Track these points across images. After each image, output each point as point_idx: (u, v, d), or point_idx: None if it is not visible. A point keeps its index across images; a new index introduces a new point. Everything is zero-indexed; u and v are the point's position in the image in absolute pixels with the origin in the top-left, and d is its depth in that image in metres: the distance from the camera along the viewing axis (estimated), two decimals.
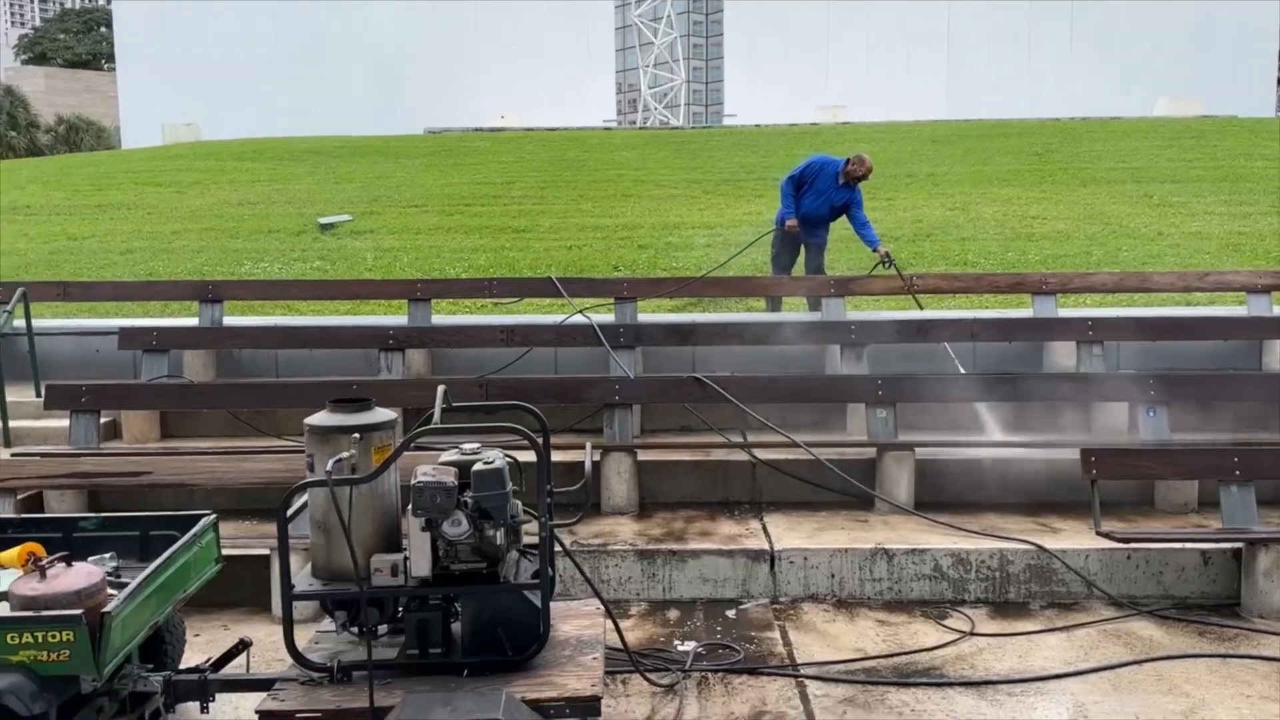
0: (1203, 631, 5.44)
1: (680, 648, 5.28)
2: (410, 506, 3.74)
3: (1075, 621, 5.55)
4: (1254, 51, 37.90)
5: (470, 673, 3.90)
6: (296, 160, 19.95)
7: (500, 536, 3.84)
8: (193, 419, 7.88)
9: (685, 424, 7.70)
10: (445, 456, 3.98)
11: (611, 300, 8.99)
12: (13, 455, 6.72)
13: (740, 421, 7.68)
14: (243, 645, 4.32)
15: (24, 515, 4.69)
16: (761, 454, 6.94)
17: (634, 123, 47.31)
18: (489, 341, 8.10)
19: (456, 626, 4.06)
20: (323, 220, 13.80)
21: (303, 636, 4.09)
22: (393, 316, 9.28)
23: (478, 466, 3.77)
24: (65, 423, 7.45)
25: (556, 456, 6.92)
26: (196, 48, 44.01)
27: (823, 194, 9.27)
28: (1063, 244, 12.00)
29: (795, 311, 9.46)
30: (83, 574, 3.76)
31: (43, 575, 3.68)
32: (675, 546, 6.01)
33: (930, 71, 37.70)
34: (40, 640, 3.50)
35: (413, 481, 3.69)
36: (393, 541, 4.08)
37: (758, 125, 28.33)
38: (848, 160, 9.34)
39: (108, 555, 4.56)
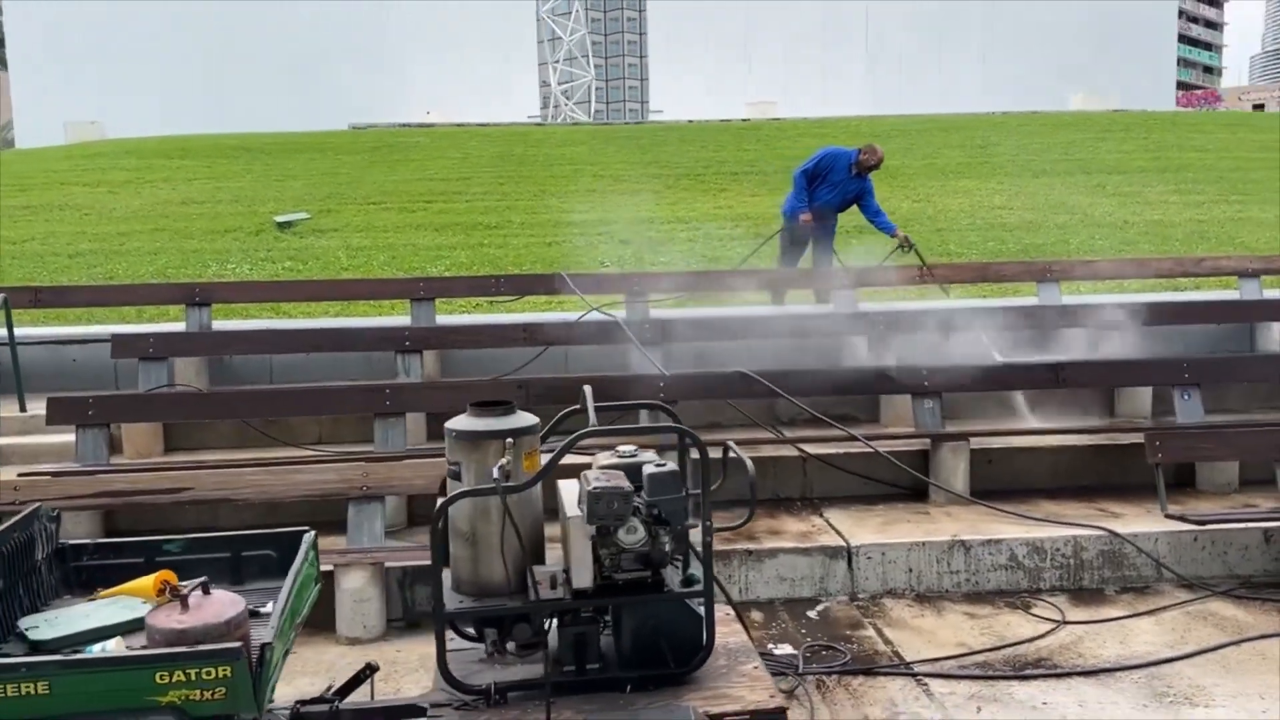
0: None
1: (777, 650, 5.14)
2: (583, 514, 3.51)
3: (1156, 605, 5.58)
4: (1155, 48, 39.52)
5: (633, 688, 3.69)
6: (228, 157, 19.15)
7: (669, 543, 3.63)
8: (198, 430, 7.42)
9: (716, 421, 7.55)
10: (601, 459, 3.76)
11: (621, 297, 8.78)
12: (20, 475, 6.19)
13: (771, 417, 7.59)
14: (370, 670, 4.01)
15: (99, 540, 4.28)
16: (810, 449, 6.85)
17: (560, 119, 47.01)
18: (510, 341, 7.82)
19: (604, 640, 3.85)
20: (280, 218, 13.24)
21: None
22: (392, 318, 8.92)
23: (652, 469, 3.55)
24: (54, 438, 6.97)
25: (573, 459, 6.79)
26: (94, 44, 42.04)
27: (836, 185, 9.27)
28: (1036, 233, 12.22)
29: (803, 305, 9.38)
30: (227, 602, 3.43)
31: (185, 605, 3.34)
32: (750, 546, 5.86)
33: (850, 68, 38.27)
34: (194, 678, 3.17)
35: (589, 488, 3.45)
36: (538, 552, 3.84)
37: (690, 121, 28.31)
38: (859, 150, 9.34)
39: (202, 580, 4.21)
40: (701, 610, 3.74)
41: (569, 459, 3.60)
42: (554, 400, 7.02)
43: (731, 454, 3.84)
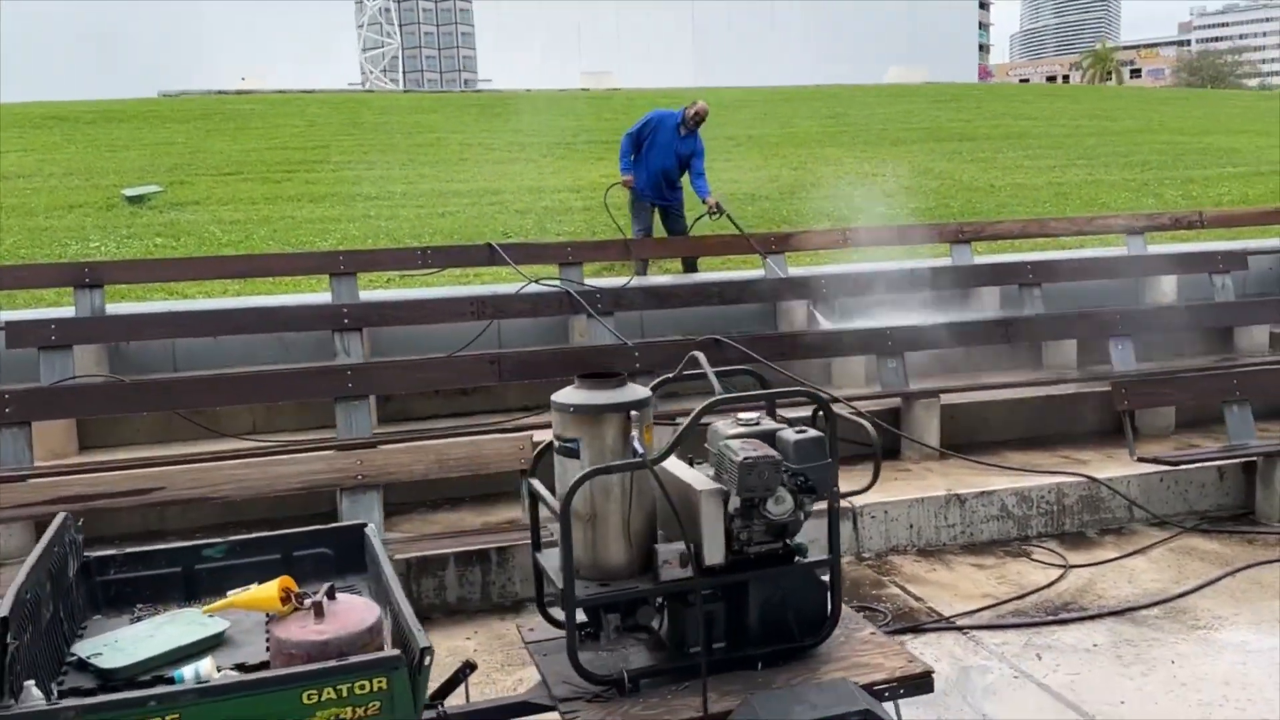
0: (1251, 540, 5.92)
1: None
2: (721, 487, 3.32)
3: (1140, 545, 5.86)
4: (959, 24, 41.81)
5: (764, 665, 3.55)
6: (41, 128, 17.35)
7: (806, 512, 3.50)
8: (114, 426, 6.69)
9: (674, 391, 7.42)
10: (724, 428, 3.56)
11: (556, 266, 8.49)
12: None
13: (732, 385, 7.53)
14: (469, 668, 3.69)
15: (128, 550, 3.73)
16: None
17: (366, 86, 45.14)
18: (457, 315, 7.42)
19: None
20: (129, 192, 12.10)
21: None
22: (305, 295, 8.31)
23: (796, 436, 3.40)
24: None
25: None
26: None
27: (666, 146, 9.09)
28: (916, 199, 12.63)
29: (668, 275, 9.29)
30: (360, 607, 3.07)
31: (320, 613, 2.96)
32: None
33: (677, 40, 38.56)
34: (345, 694, 2.80)
35: (741, 458, 3.26)
36: (654, 529, 3.62)
37: (528, 90, 27.78)
38: (684, 109, 9.22)
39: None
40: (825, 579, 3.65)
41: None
42: (526, 375, 6.77)
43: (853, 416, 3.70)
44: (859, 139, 16.89)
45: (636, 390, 3.54)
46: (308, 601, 3.00)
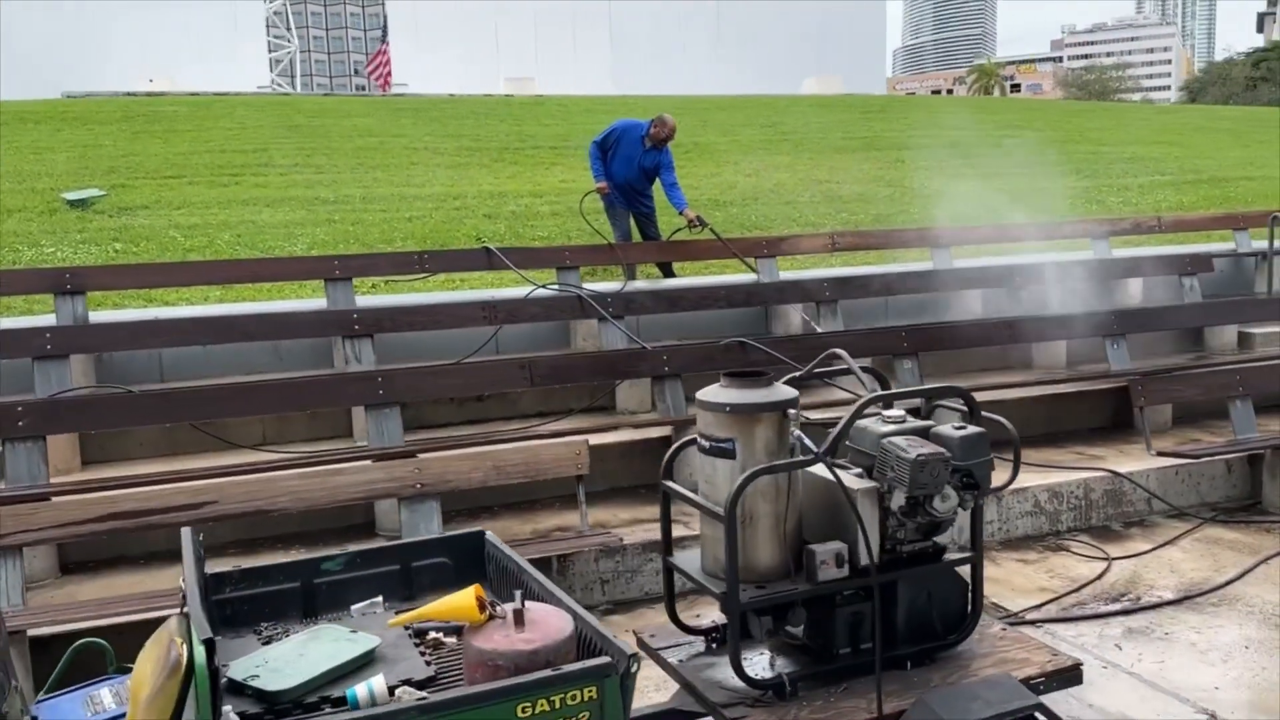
0: (1268, 529, 6.17)
1: None
2: (902, 484, 3.29)
3: (1168, 537, 6.06)
4: (868, 38, 42.89)
5: (912, 664, 3.54)
6: None
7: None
8: (118, 440, 6.33)
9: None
10: (875, 425, 3.53)
11: (554, 270, 8.37)
12: None
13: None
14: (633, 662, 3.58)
15: (245, 567, 3.51)
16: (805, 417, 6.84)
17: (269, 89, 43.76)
18: (469, 320, 7.24)
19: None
20: (70, 196, 11.49)
21: None
22: (293, 301, 8.02)
23: (960, 433, 3.40)
24: None
25: (614, 438, 6.47)
26: None
27: (630, 159, 8.98)
28: (874, 205, 12.88)
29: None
30: (553, 615, 2.94)
31: (521, 622, 2.83)
32: None
33: (595, 49, 38.52)
34: (558, 705, 2.69)
35: (914, 455, 3.25)
36: (802, 529, 3.57)
37: (451, 95, 27.40)
38: (651, 123, 9.13)
39: (379, 599, 3.61)
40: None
41: None
42: (558, 380, 6.65)
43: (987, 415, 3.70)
44: (802, 147, 17.13)
45: (786, 390, 3.50)
46: (505, 610, 2.87)
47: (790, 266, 9.53)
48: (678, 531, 5.72)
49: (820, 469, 3.57)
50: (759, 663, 3.59)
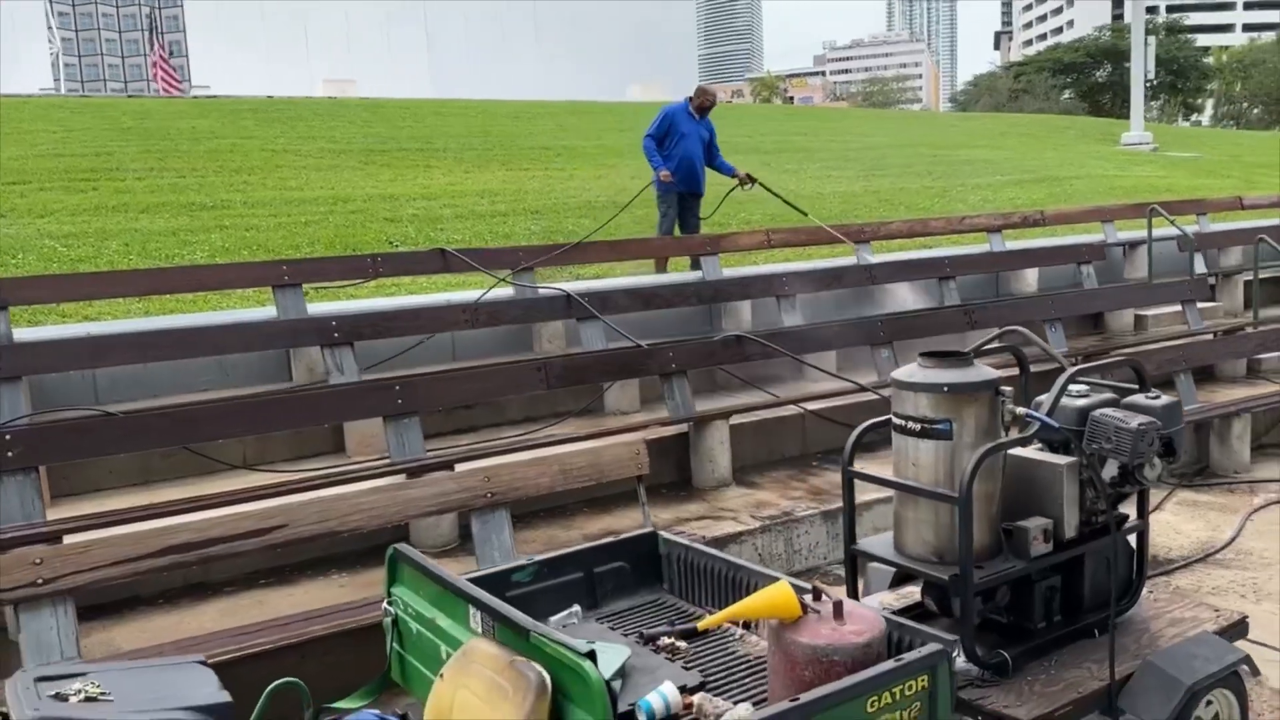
0: (1230, 489, 6.74)
1: None
2: (1118, 453, 3.37)
3: (1153, 504, 6.51)
4: (681, 46, 43.82)
5: (1099, 631, 3.64)
6: None
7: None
8: (86, 470, 5.64)
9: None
10: (1073, 398, 3.58)
11: (508, 272, 8.09)
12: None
13: (712, 384, 7.58)
14: None
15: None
16: (802, 407, 6.93)
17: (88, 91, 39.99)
18: (451, 324, 6.92)
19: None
20: None
21: None
22: (234, 311, 7.41)
23: (1164, 401, 3.51)
24: None
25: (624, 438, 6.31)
26: None
27: (691, 135, 9.33)
28: (773, 205, 13.14)
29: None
30: (855, 606, 2.84)
31: (840, 614, 2.71)
32: (828, 507, 5.84)
33: (411, 50, 37.46)
34: (897, 697, 2.61)
35: (1135, 425, 3.33)
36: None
37: (269, 97, 25.93)
38: (689, 99, 9.49)
39: (576, 609, 3.40)
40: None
41: None
42: (572, 381, 6.44)
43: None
44: None
45: (988, 369, 3.52)
46: (825, 604, 2.75)
47: (727, 264, 9.62)
48: (727, 528, 5.70)
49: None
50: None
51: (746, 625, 3.28)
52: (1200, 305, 9.26)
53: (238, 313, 7.07)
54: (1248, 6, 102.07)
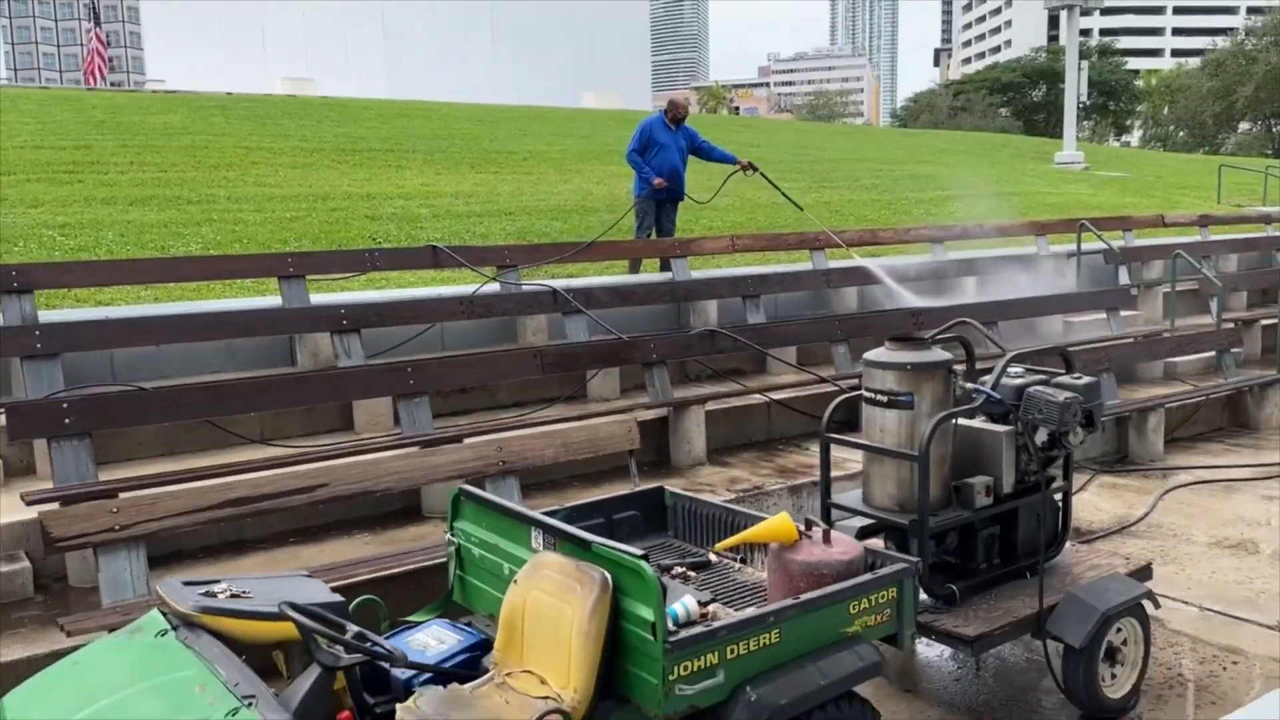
0: (1145, 474, 7.59)
1: None
2: (1047, 421, 4.10)
3: (1076, 485, 7.27)
4: (635, 53, 44.64)
5: (1030, 574, 4.37)
6: None
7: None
8: (121, 440, 6.13)
9: (639, 380, 7.97)
10: (1011, 379, 4.31)
11: (495, 269, 8.68)
12: (61, 504, 4.79)
13: (681, 375, 8.26)
14: None
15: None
16: (767, 397, 7.64)
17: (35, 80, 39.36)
18: (448, 315, 7.51)
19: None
20: None
21: None
22: (240, 300, 7.91)
23: (1085, 380, 4.25)
24: None
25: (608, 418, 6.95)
26: None
27: (668, 145, 9.85)
28: (728, 214, 13.89)
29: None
30: (837, 535, 3.52)
31: (828, 540, 3.40)
32: (800, 481, 6.54)
33: (369, 49, 37.68)
34: (871, 604, 3.30)
35: (1062, 399, 4.06)
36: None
37: (229, 94, 26.09)
38: (664, 110, 10.10)
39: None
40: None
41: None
42: (565, 368, 7.07)
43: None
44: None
45: (942, 352, 4.24)
46: (816, 532, 3.43)
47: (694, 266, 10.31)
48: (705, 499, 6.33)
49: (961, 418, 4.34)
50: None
51: (744, 560, 3.95)
52: (1123, 313, 10.19)
53: (247, 300, 7.58)
54: (1176, 32, 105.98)
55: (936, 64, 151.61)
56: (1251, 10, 78.62)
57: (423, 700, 2.87)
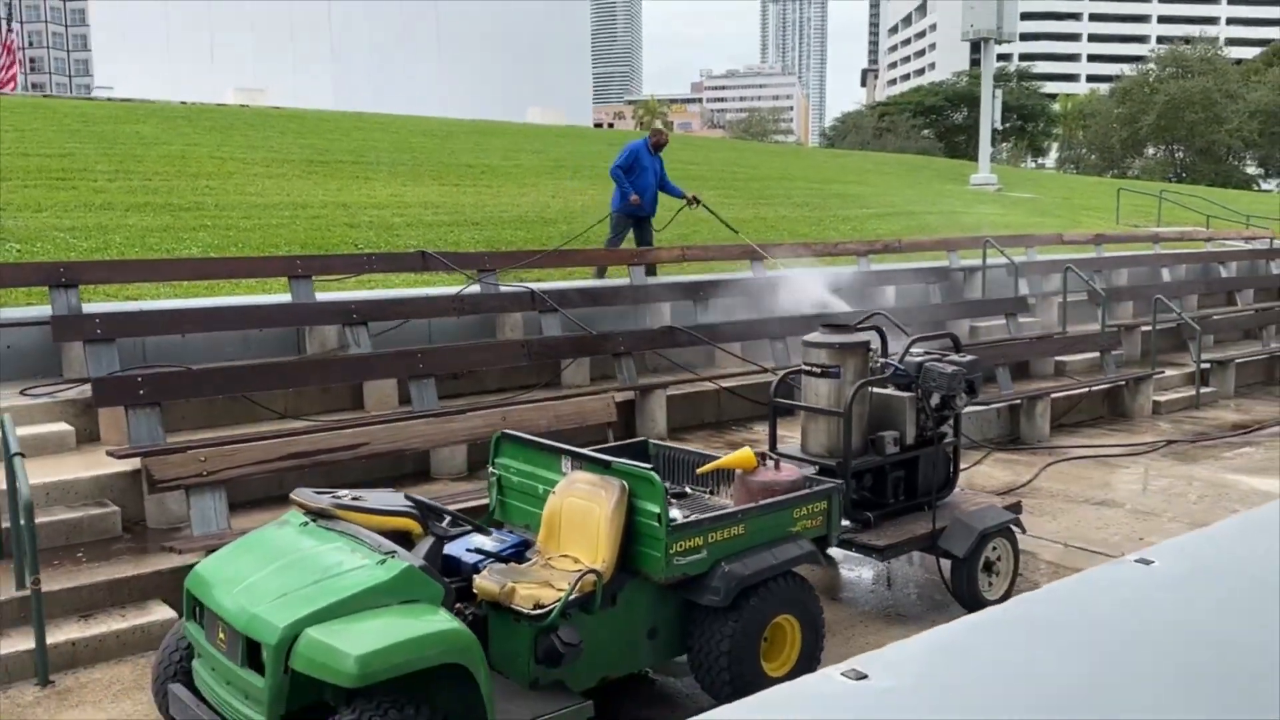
0: (1034, 451, 9.02)
1: None
2: (940, 388, 5.41)
3: (974, 460, 8.66)
4: (577, 68, 45.94)
5: (927, 508, 5.68)
6: None
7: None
8: (167, 414, 7.16)
9: (605, 371, 9.18)
10: (912, 356, 5.61)
11: (475, 272, 9.82)
12: (147, 455, 5.81)
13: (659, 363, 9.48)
14: None
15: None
16: (717, 385, 8.91)
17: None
18: (442, 311, 8.63)
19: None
20: None
21: None
22: (253, 296, 8.94)
23: (967, 357, 5.58)
24: None
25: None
26: None
27: (648, 168, 11.16)
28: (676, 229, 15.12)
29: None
30: (790, 466, 4.76)
31: (778, 466, 4.65)
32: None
33: (316, 61, 38.30)
34: (808, 511, 4.55)
35: (950, 369, 5.38)
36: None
37: (184, 102, 26.67)
38: (649, 138, 11.41)
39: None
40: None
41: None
42: (549, 356, 8.25)
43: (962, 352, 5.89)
44: (580, 174, 19.15)
45: (862, 334, 5.53)
46: (770, 462, 4.67)
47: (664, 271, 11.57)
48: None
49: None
50: None
51: (712, 492, 5.18)
52: (1021, 319, 11.71)
53: (252, 297, 8.62)
54: (1091, 59, 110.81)
55: (864, 84, 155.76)
56: (1161, 40, 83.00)
57: (493, 573, 4.04)
